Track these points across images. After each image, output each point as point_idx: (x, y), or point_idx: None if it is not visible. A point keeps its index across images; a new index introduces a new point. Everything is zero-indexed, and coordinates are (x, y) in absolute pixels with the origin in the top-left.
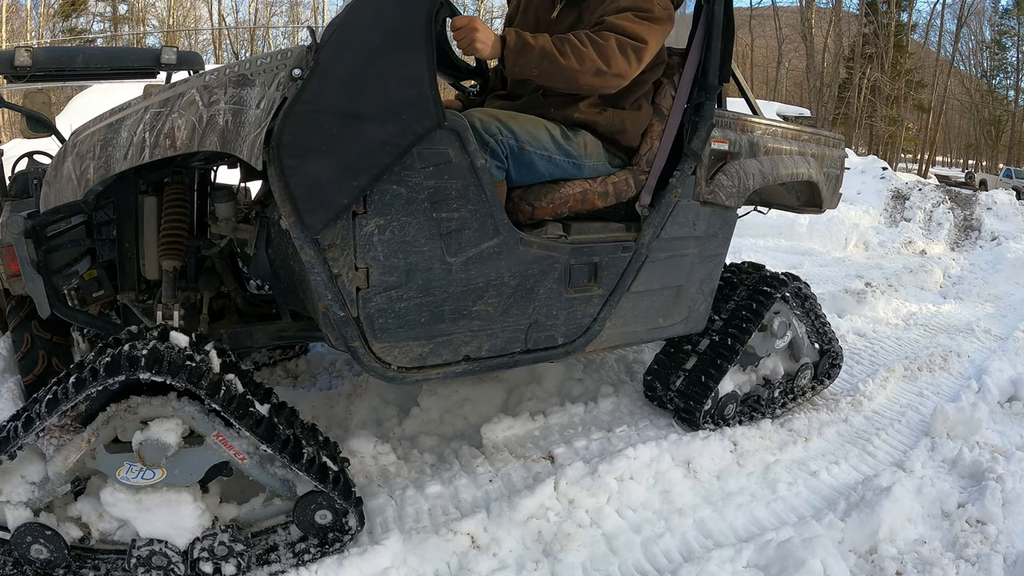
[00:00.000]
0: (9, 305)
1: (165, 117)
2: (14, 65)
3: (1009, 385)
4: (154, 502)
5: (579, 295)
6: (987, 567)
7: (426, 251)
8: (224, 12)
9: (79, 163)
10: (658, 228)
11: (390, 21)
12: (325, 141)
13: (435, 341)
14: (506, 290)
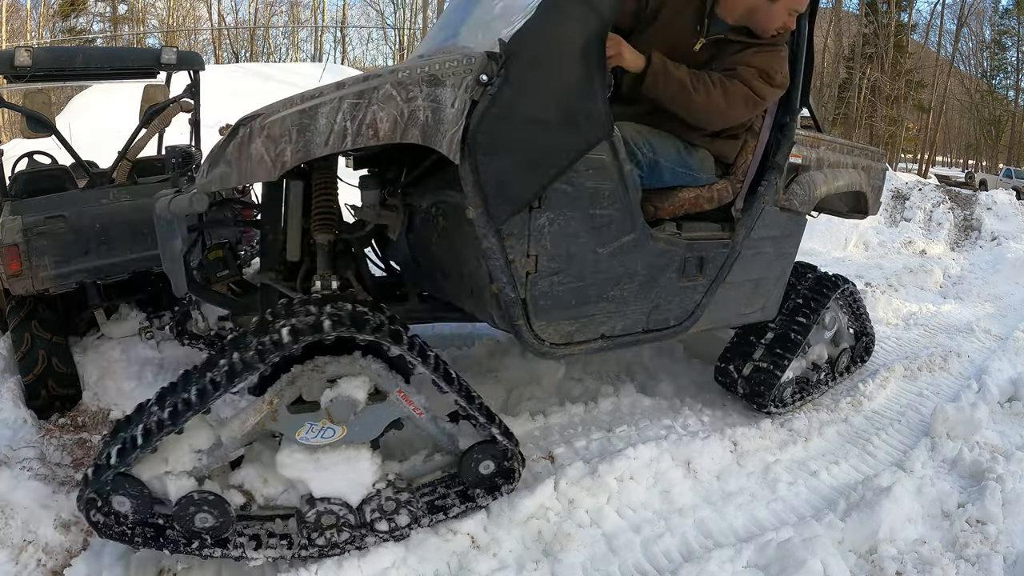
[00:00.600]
0: (9, 305)
1: (365, 108)
2: (14, 65)
3: (1009, 385)
4: (332, 460)
5: (688, 284)
6: (987, 567)
7: (583, 242)
8: (224, 12)
9: (272, 145)
10: (748, 229)
11: (570, 40)
12: (514, 144)
13: (581, 321)
14: (638, 278)
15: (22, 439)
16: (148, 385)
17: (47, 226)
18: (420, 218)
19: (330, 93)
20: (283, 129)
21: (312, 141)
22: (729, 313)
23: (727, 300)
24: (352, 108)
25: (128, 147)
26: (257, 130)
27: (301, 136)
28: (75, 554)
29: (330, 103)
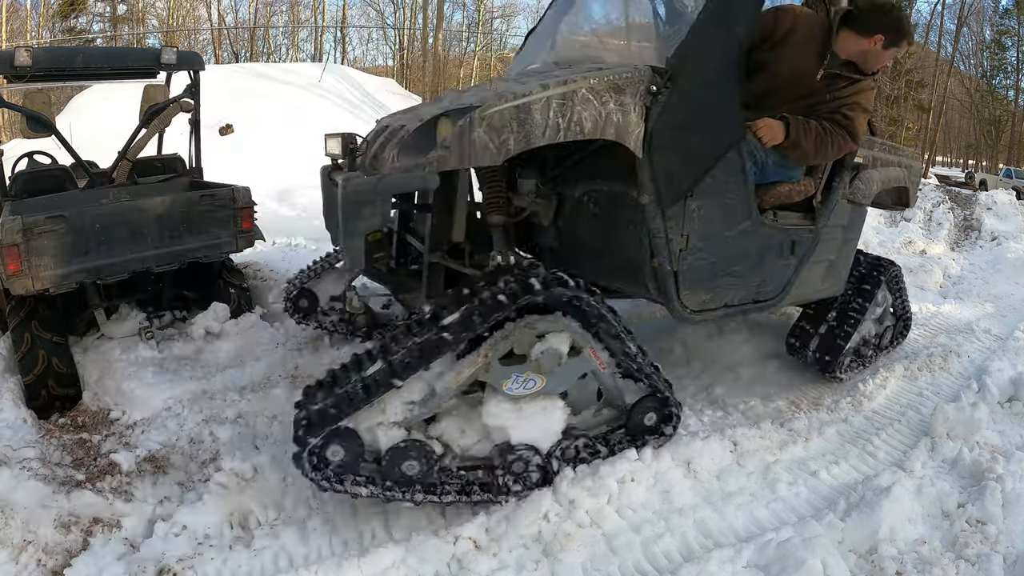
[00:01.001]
0: (9, 305)
1: (570, 108)
2: (14, 65)
3: (1009, 385)
4: (532, 410)
5: (783, 263)
6: (987, 567)
7: (716, 226)
8: (224, 12)
9: (495, 134)
10: (826, 218)
11: (716, 60)
12: (678, 143)
13: (713, 291)
14: (751, 257)
15: (22, 439)
16: (148, 385)
17: (47, 226)
18: (570, 205)
19: (538, 93)
20: (504, 121)
21: (532, 132)
22: (809, 289)
23: (809, 277)
24: (560, 107)
25: (128, 147)
26: (476, 120)
27: (521, 128)
28: (75, 554)
29: (540, 102)
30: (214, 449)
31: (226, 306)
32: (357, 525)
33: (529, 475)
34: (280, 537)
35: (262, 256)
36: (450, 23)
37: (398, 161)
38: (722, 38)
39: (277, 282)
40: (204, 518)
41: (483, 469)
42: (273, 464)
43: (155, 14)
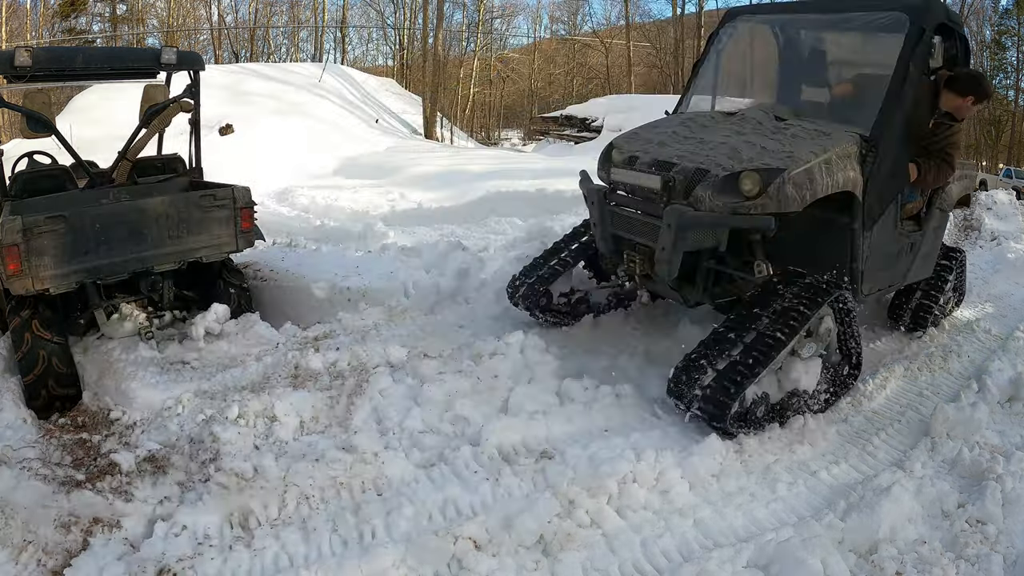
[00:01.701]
0: (9, 305)
1: (832, 170)
2: (14, 65)
3: (1009, 385)
4: (811, 366)
5: (907, 257)
6: (987, 567)
7: (883, 238)
8: (224, 12)
9: (798, 189)
10: (928, 224)
11: (899, 132)
12: (878, 188)
13: (876, 280)
14: (895, 255)
15: (22, 439)
16: (148, 385)
17: (47, 226)
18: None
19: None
20: (801, 180)
21: (816, 188)
22: (916, 274)
23: (917, 266)
24: (827, 170)
25: (128, 147)
26: (787, 180)
27: (811, 185)
28: (75, 554)
29: (817, 166)
30: (214, 449)
31: (226, 306)
32: (357, 525)
33: (802, 410)
34: (280, 537)
35: (262, 256)
36: (450, 23)
37: (714, 201)
38: (903, 116)
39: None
40: (204, 518)
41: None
42: (273, 464)
43: (155, 14)
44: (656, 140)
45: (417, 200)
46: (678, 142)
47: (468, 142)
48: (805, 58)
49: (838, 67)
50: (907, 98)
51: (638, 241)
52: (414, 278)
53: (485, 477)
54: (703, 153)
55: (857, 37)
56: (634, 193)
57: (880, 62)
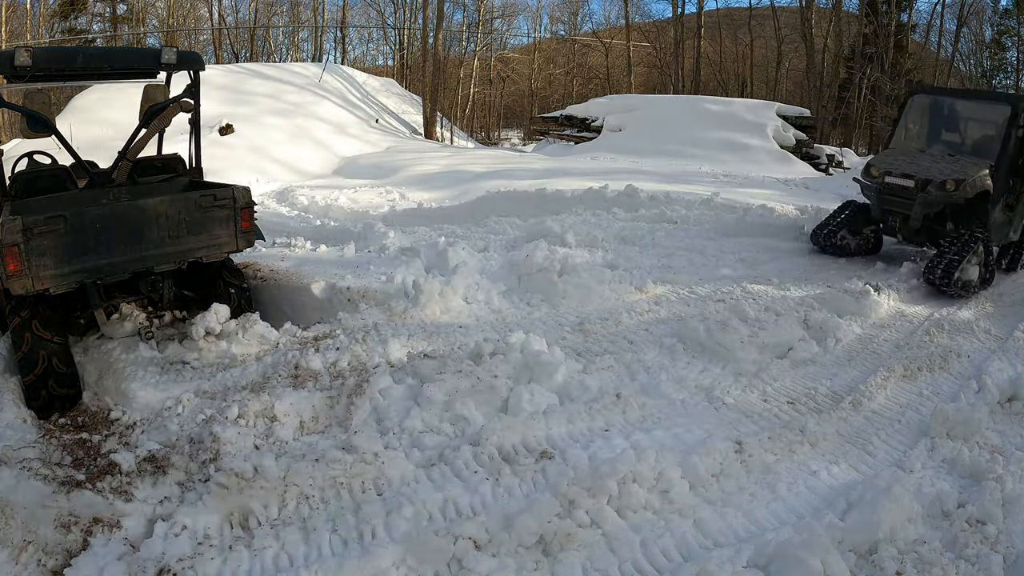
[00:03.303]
0: (9, 305)
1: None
2: (14, 65)
3: (1009, 385)
4: (976, 269)
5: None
6: (987, 567)
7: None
8: (224, 12)
9: (971, 188)
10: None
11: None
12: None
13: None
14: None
15: (22, 439)
16: (148, 385)
17: (47, 226)
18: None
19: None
20: (971, 184)
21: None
22: (1013, 236)
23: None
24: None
25: (128, 147)
26: (968, 183)
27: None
28: (75, 554)
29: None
30: (214, 449)
31: (226, 306)
32: (357, 525)
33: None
34: (280, 537)
35: (262, 256)
36: (450, 23)
37: (937, 192)
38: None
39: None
40: (204, 518)
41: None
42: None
43: (155, 14)
44: (896, 163)
45: (417, 200)
46: (910, 165)
47: (468, 142)
48: (954, 120)
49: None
50: (1010, 145)
51: (897, 211)
52: (414, 278)
53: (485, 477)
54: (924, 171)
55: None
56: (896, 188)
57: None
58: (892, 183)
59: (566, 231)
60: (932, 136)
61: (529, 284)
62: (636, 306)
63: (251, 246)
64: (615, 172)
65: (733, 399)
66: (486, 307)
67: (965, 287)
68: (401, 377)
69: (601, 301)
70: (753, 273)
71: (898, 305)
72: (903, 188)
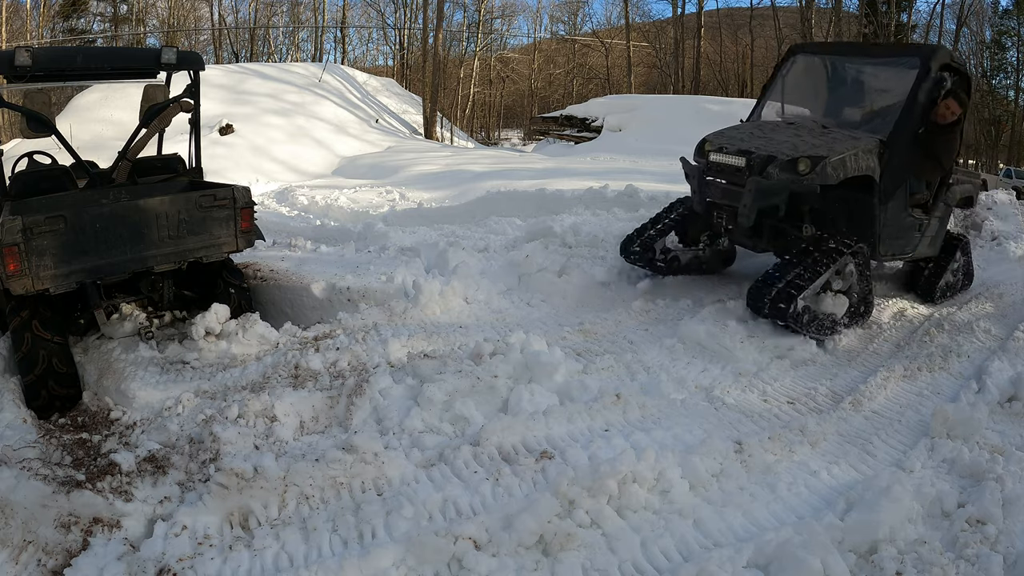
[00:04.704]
0: (9, 305)
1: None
2: (14, 65)
3: (1009, 385)
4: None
5: (915, 235)
6: (987, 567)
7: (895, 214)
8: (224, 12)
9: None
10: (934, 213)
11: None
12: (891, 176)
13: (890, 247)
14: (904, 230)
15: (22, 439)
16: (148, 385)
17: (47, 226)
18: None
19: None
20: (837, 164)
21: (847, 170)
22: (924, 250)
23: (924, 244)
24: (854, 159)
25: (128, 147)
26: (828, 163)
27: (844, 167)
28: (75, 554)
29: (849, 156)
30: (214, 449)
31: (226, 306)
32: (357, 525)
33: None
34: (280, 537)
35: (262, 256)
36: (450, 23)
37: (780, 176)
38: (909, 126)
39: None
40: (204, 518)
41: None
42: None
43: (156, 14)
44: (739, 137)
45: (417, 200)
46: (756, 140)
47: (468, 142)
48: (846, 85)
49: (870, 93)
50: (915, 115)
51: (725, 203)
52: (414, 278)
53: (485, 477)
54: (772, 146)
55: (884, 73)
56: (725, 170)
57: (899, 90)
58: (719, 163)
59: (566, 231)
60: (812, 106)
61: (529, 284)
62: (636, 306)
63: (251, 246)
64: (615, 172)
65: (733, 399)
66: (486, 307)
67: (817, 324)
68: (401, 377)
69: (601, 301)
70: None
71: (899, 305)
72: (733, 170)
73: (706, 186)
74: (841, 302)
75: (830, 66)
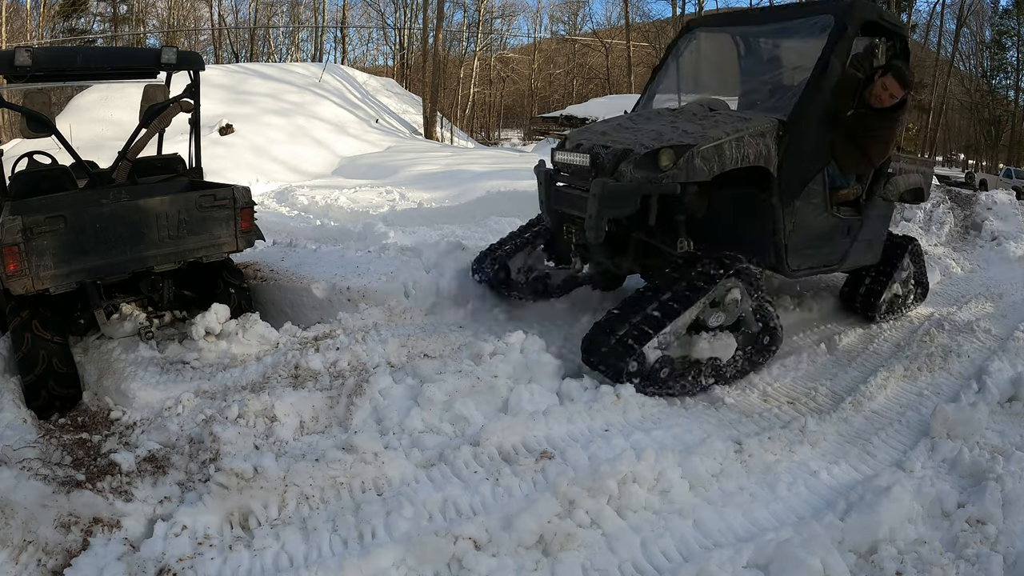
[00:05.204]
0: (9, 305)
1: (743, 146)
2: (14, 65)
3: (1009, 385)
4: (719, 339)
5: (843, 241)
6: (987, 567)
7: (809, 216)
8: (224, 12)
9: (706, 162)
10: (868, 211)
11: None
12: (795, 166)
13: (804, 257)
14: (826, 236)
15: (22, 439)
16: (148, 385)
17: (47, 226)
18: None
19: (728, 136)
20: (710, 154)
21: (724, 161)
22: (858, 259)
23: (858, 251)
24: (737, 146)
25: (128, 147)
26: (696, 153)
27: (719, 158)
28: (75, 554)
29: (728, 142)
30: (214, 449)
31: (226, 306)
32: (357, 525)
33: (716, 376)
34: (280, 537)
35: (262, 256)
36: (450, 23)
37: (634, 175)
38: (818, 102)
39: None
40: (204, 518)
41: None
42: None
43: (155, 14)
44: (602, 131)
45: (417, 200)
46: (620, 131)
47: (468, 142)
48: (748, 60)
49: (777, 65)
50: (828, 88)
51: (575, 214)
52: (414, 278)
53: (485, 477)
54: (634, 138)
55: (793, 40)
56: (571, 171)
57: (810, 58)
58: (564, 162)
59: None
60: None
61: None
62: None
63: (251, 246)
64: None
65: (733, 399)
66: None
67: (687, 380)
68: (401, 377)
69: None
70: None
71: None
72: (582, 171)
73: (553, 193)
74: (725, 343)
75: (735, 40)
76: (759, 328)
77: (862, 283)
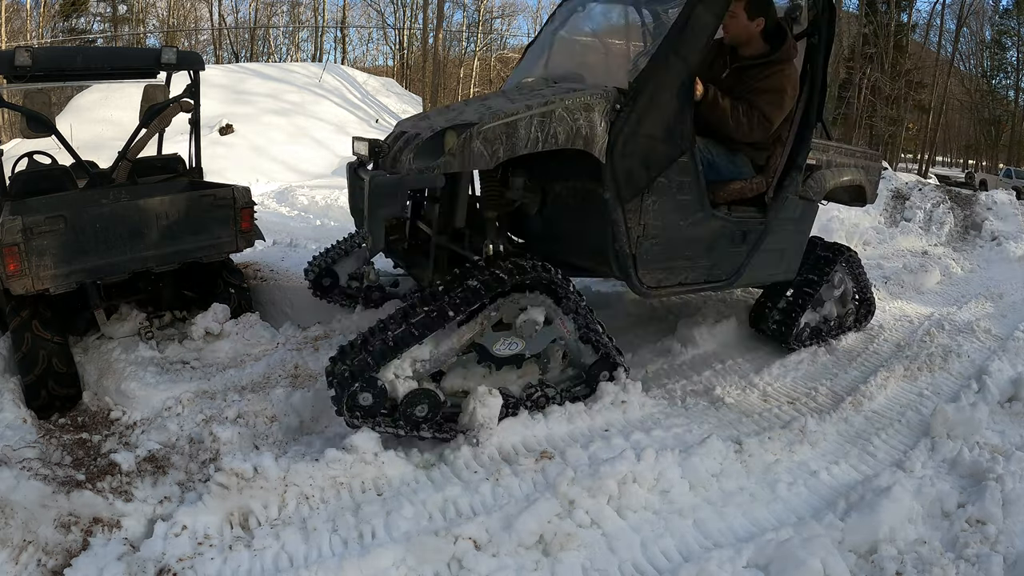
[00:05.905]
0: (9, 305)
1: (548, 124)
2: (14, 65)
3: (1009, 385)
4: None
5: (735, 250)
6: (987, 567)
7: (672, 217)
8: (224, 12)
9: (489, 145)
10: (777, 212)
11: (671, 83)
12: (636, 150)
13: (668, 271)
14: (703, 243)
15: (22, 439)
16: (148, 385)
17: (47, 226)
18: (552, 199)
19: (523, 112)
20: (496, 134)
21: (516, 143)
22: (762, 273)
23: (761, 263)
24: (540, 123)
25: (128, 147)
26: (475, 134)
27: (509, 140)
28: (75, 554)
29: (524, 119)
30: (214, 449)
31: (226, 306)
32: (357, 525)
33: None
34: (280, 537)
35: (262, 256)
36: (450, 23)
37: (414, 163)
38: (677, 65)
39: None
40: (204, 518)
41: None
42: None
43: (155, 14)
44: (427, 115)
45: None
46: (441, 114)
47: None
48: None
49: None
50: (694, 48)
51: None
52: None
53: (485, 477)
54: (442, 119)
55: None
56: (359, 162)
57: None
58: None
59: None
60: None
61: None
62: (635, 305)
63: (251, 246)
64: None
65: (733, 399)
66: None
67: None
68: None
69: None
70: None
71: (900, 305)
72: (363, 160)
73: (352, 190)
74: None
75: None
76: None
77: (774, 304)
